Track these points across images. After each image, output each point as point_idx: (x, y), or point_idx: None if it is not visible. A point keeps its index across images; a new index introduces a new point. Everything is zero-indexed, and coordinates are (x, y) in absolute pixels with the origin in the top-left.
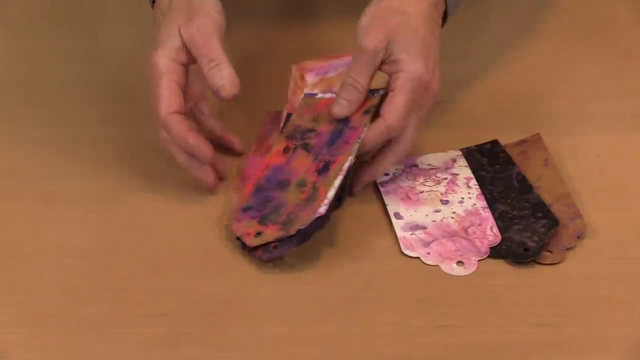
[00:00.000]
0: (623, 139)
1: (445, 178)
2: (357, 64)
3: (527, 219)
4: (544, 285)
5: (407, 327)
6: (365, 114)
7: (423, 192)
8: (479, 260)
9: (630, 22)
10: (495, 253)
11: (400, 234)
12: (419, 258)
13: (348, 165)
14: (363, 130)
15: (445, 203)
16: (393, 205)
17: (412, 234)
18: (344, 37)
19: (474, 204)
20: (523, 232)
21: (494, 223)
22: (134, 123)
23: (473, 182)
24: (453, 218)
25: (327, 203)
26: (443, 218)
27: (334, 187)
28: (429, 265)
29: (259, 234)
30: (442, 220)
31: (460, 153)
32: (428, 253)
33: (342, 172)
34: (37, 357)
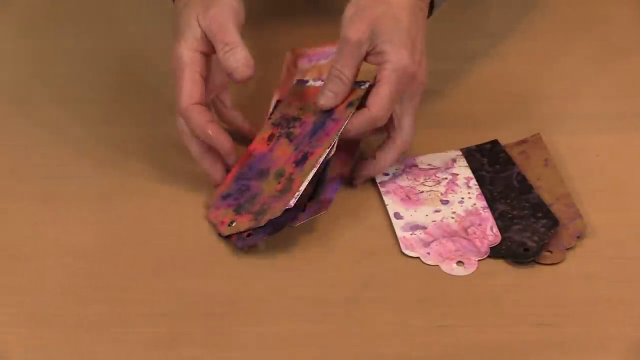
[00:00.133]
0: (623, 139)
1: (445, 178)
2: (341, 56)
3: (527, 219)
4: (544, 285)
5: (407, 327)
6: (349, 107)
7: (423, 192)
8: (479, 260)
9: (630, 21)
10: (495, 253)
11: (400, 234)
12: (419, 258)
13: (324, 159)
14: (344, 123)
15: (445, 203)
16: (393, 205)
17: (412, 234)
18: None
19: (474, 204)
20: (523, 232)
21: (494, 223)
22: (135, 123)
23: (473, 182)
24: (453, 218)
25: (297, 196)
26: (443, 218)
27: (307, 180)
28: (429, 265)
29: (232, 223)
30: (442, 220)
31: (460, 153)
32: (428, 253)
33: (317, 164)
34: (37, 357)
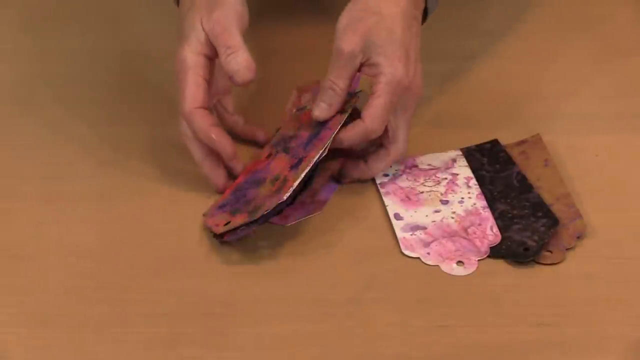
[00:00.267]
0: (622, 139)
1: (445, 178)
2: (334, 67)
3: (527, 219)
4: (544, 285)
5: (407, 327)
6: (342, 114)
7: (423, 192)
8: (479, 260)
9: (630, 21)
10: (495, 253)
11: (400, 235)
12: (419, 258)
13: (317, 159)
14: (336, 129)
15: (445, 203)
16: (393, 206)
17: (412, 235)
18: None
19: (474, 204)
20: (523, 231)
21: (494, 223)
22: (137, 123)
23: (473, 182)
24: (453, 218)
25: (290, 191)
26: (443, 218)
27: (300, 178)
28: (429, 266)
29: (228, 223)
30: (442, 221)
31: (460, 153)
32: (428, 253)
33: (310, 164)
34: (37, 357)
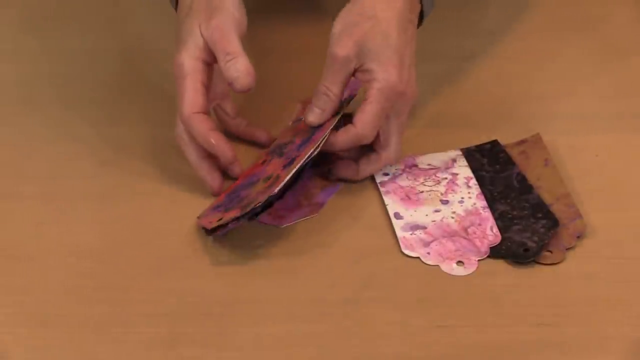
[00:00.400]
0: (622, 139)
1: (445, 178)
2: (329, 72)
3: (527, 219)
4: (544, 285)
5: (407, 327)
6: (335, 116)
7: (423, 192)
8: (479, 260)
9: (629, 21)
10: (495, 253)
11: (400, 234)
12: (419, 258)
13: (308, 155)
14: (328, 129)
15: (445, 203)
16: (393, 205)
17: (412, 234)
18: None
19: (474, 204)
20: (523, 232)
21: (494, 223)
22: (137, 123)
23: (473, 182)
24: (453, 218)
25: (281, 186)
26: (443, 218)
27: (291, 173)
28: (429, 265)
29: (220, 220)
30: (442, 220)
31: (460, 153)
32: (428, 253)
33: (302, 160)
34: (37, 357)
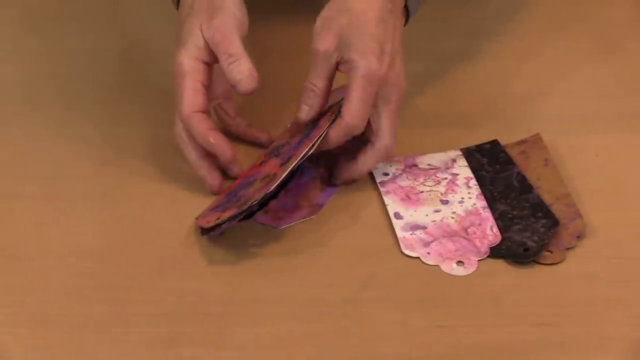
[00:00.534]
0: (622, 139)
1: (445, 178)
2: (312, 68)
3: (527, 219)
4: (544, 285)
5: (407, 327)
6: (332, 116)
7: (423, 192)
8: (479, 260)
9: (629, 21)
10: (495, 253)
11: (400, 234)
12: (419, 258)
13: (304, 153)
14: (324, 128)
15: (445, 203)
16: (393, 205)
17: (412, 234)
18: None
19: (474, 204)
20: (523, 232)
21: (494, 223)
22: (137, 122)
23: (473, 182)
24: (453, 218)
25: (278, 184)
26: (443, 218)
27: (288, 171)
28: (429, 265)
29: (218, 219)
30: (442, 220)
31: (460, 153)
32: (428, 253)
33: (299, 158)
34: (37, 357)
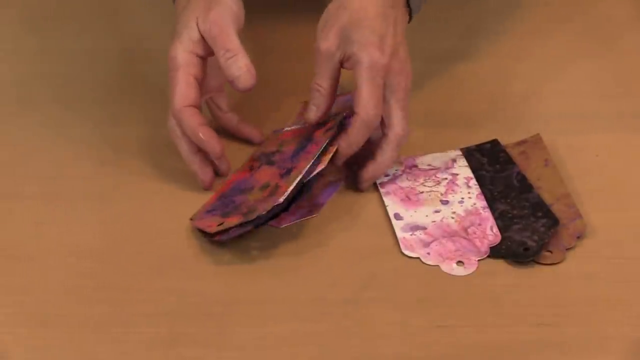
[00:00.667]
0: (622, 139)
1: (445, 178)
2: (317, 69)
3: (527, 219)
4: (544, 285)
5: (407, 327)
6: (328, 131)
7: (423, 192)
8: (479, 260)
9: (629, 21)
10: (495, 253)
11: (400, 235)
12: (419, 258)
13: (308, 167)
14: (324, 144)
15: (445, 203)
16: (393, 206)
17: (412, 235)
18: None
19: (474, 204)
20: (523, 231)
21: (494, 223)
22: (137, 122)
23: (473, 182)
24: (453, 218)
25: (286, 195)
26: (443, 218)
27: (294, 183)
28: (429, 266)
29: (221, 224)
30: (442, 221)
31: (460, 153)
32: (428, 253)
33: (302, 173)
34: (37, 357)
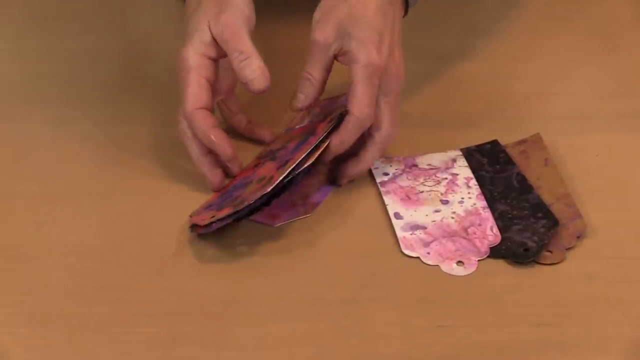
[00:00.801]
0: (622, 139)
1: (445, 178)
2: (310, 58)
3: (527, 219)
4: (544, 285)
5: (407, 327)
6: (330, 122)
7: (423, 192)
8: (479, 260)
9: (629, 21)
10: (495, 253)
11: (400, 234)
12: (419, 258)
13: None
14: (322, 134)
15: (445, 203)
16: (393, 205)
17: (412, 234)
18: None
19: (474, 204)
20: (523, 232)
21: (494, 223)
22: (137, 122)
23: (473, 182)
24: (453, 218)
25: (274, 184)
26: (443, 218)
27: (285, 173)
28: (429, 265)
29: (213, 217)
30: (442, 220)
31: (460, 153)
32: (428, 253)
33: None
34: (37, 357)
